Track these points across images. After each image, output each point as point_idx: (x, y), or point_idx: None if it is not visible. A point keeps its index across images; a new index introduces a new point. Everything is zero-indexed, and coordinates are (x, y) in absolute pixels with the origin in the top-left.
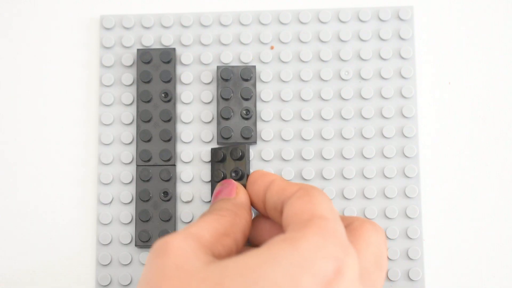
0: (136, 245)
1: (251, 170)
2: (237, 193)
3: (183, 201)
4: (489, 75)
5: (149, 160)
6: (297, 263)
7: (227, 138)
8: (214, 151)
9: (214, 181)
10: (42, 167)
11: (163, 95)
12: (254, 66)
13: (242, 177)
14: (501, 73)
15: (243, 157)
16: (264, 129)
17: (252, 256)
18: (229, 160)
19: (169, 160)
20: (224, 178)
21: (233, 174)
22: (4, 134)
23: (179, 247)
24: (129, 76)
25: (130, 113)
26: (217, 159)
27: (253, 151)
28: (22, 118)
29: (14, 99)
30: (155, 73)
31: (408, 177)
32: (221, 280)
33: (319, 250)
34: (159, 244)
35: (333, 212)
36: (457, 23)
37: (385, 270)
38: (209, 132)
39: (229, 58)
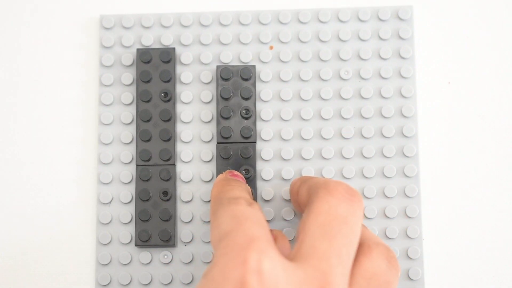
0: (136, 245)
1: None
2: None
3: (183, 201)
4: (488, 75)
5: (149, 160)
6: (215, 277)
7: (227, 138)
8: (223, 148)
9: None
10: (41, 167)
11: (162, 94)
12: (254, 66)
13: (251, 176)
14: (500, 73)
15: (252, 155)
16: (264, 129)
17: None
18: (237, 158)
19: (169, 159)
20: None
21: (243, 172)
22: (3, 134)
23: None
24: (129, 76)
25: (129, 113)
26: (226, 156)
27: (252, 150)
28: (22, 117)
29: (14, 99)
30: (154, 73)
31: (408, 176)
32: None
33: (225, 267)
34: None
35: (234, 219)
36: (457, 22)
37: (342, 236)
38: (209, 132)
39: (229, 57)
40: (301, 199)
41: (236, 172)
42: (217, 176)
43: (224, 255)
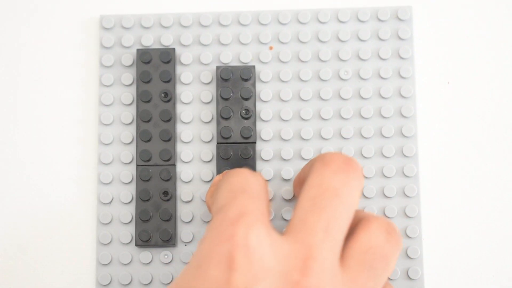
0: (136, 245)
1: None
2: None
3: (183, 201)
4: (488, 75)
5: (149, 160)
6: (200, 261)
7: (227, 138)
8: (223, 149)
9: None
10: (41, 167)
11: (162, 95)
12: (254, 66)
13: None
14: (500, 73)
15: (252, 156)
16: (264, 129)
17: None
18: (237, 159)
19: (169, 160)
20: None
21: None
22: (3, 134)
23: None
24: (129, 76)
25: (130, 113)
26: (226, 156)
27: (252, 150)
28: (22, 117)
29: (14, 98)
30: (154, 73)
31: (407, 176)
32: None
33: (212, 240)
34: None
35: (231, 192)
36: (456, 22)
37: (332, 209)
38: (209, 132)
39: (229, 58)
40: (304, 177)
41: None
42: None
43: (214, 228)
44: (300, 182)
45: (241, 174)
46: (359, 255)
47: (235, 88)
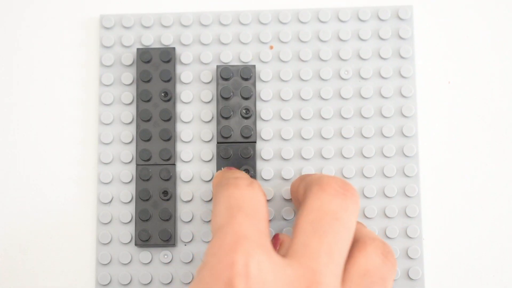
0: (136, 245)
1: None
2: (281, 246)
3: (183, 201)
4: (488, 74)
5: (149, 160)
6: (204, 279)
7: (227, 137)
8: (223, 148)
9: None
10: (41, 167)
11: (162, 94)
12: (254, 66)
13: (251, 175)
14: (500, 72)
15: (252, 156)
16: (264, 128)
17: None
18: (237, 158)
19: (169, 159)
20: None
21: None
22: (3, 134)
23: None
24: (129, 76)
25: (129, 113)
26: (226, 156)
27: (252, 150)
28: (22, 117)
29: (14, 98)
30: (154, 73)
31: (408, 176)
32: None
33: (213, 268)
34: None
35: (229, 210)
36: (457, 22)
37: (333, 233)
38: (209, 131)
39: (229, 57)
40: (299, 196)
41: (234, 169)
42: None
43: (213, 255)
44: (295, 197)
45: (239, 188)
46: (357, 278)
47: (235, 88)
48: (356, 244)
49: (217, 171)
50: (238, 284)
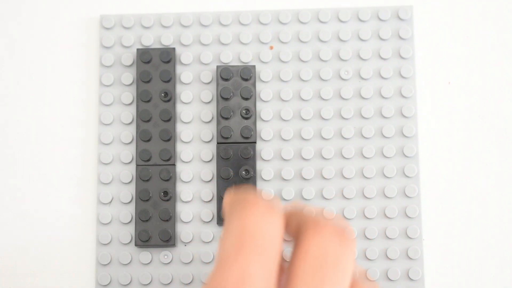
0: (136, 245)
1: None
2: None
3: (183, 201)
4: (488, 75)
5: (149, 160)
6: None
7: (227, 138)
8: (223, 148)
9: (221, 178)
10: (41, 167)
11: (162, 94)
12: (254, 66)
13: (251, 176)
14: (501, 73)
15: (252, 156)
16: (264, 129)
17: None
18: (237, 159)
19: (169, 159)
20: (231, 176)
21: (243, 172)
22: (3, 133)
23: None
24: (129, 76)
25: (129, 113)
26: (226, 156)
27: (252, 150)
28: (22, 117)
29: (14, 98)
30: (154, 73)
31: (408, 176)
32: None
33: None
34: None
35: (239, 241)
36: (457, 22)
37: (333, 277)
38: (209, 132)
39: (229, 57)
40: (290, 231)
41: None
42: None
43: None
44: (289, 227)
45: (255, 214)
46: None
47: (235, 88)
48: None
49: (217, 171)
50: None
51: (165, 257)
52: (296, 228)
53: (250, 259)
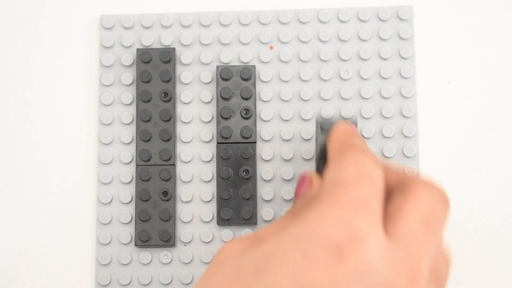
0: (135, 245)
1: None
2: (312, 186)
3: (183, 201)
4: (489, 75)
5: (148, 160)
6: (303, 234)
7: (227, 138)
8: (223, 149)
9: (221, 178)
10: (41, 167)
11: (162, 94)
12: (254, 66)
13: (251, 176)
14: (501, 73)
15: (252, 156)
16: (264, 129)
17: (269, 229)
18: (237, 159)
19: (169, 159)
20: (231, 176)
21: (243, 173)
22: (3, 134)
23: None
24: (129, 76)
25: (129, 113)
26: (226, 156)
27: (252, 150)
28: (22, 117)
29: (14, 99)
30: (154, 73)
31: None
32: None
33: (326, 219)
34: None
35: (360, 174)
36: (457, 22)
37: (437, 235)
38: (209, 132)
39: (229, 57)
40: (387, 183)
41: (357, 129)
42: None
43: (330, 206)
44: (387, 180)
45: (371, 160)
46: (430, 272)
47: (235, 88)
48: None
49: (217, 171)
50: (349, 247)
51: (165, 257)
52: (397, 179)
53: (370, 190)
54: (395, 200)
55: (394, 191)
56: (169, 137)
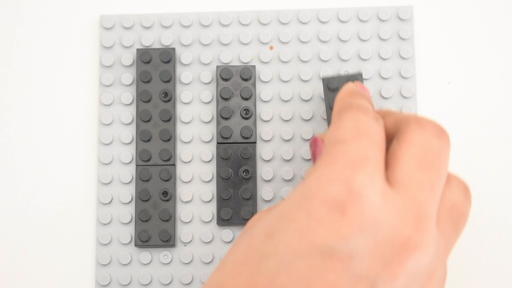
0: (135, 245)
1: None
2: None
3: (183, 201)
4: (489, 75)
5: (148, 160)
6: (305, 194)
7: (227, 138)
8: (223, 149)
9: (221, 178)
10: (41, 167)
11: (162, 95)
12: (254, 66)
13: (251, 176)
14: (501, 73)
15: (252, 156)
16: (264, 129)
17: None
18: (237, 159)
19: (169, 160)
20: (231, 176)
21: (243, 173)
22: (3, 134)
23: None
24: (129, 76)
25: (129, 113)
26: (226, 156)
27: (252, 150)
28: (22, 117)
29: (14, 98)
30: (154, 73)
31: None
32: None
33: (325, 177)
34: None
35: (357, 130)
36: (457, 22)
37: (439, 172)
38: (209, 132)
39: (229, 58)
40: (387, 128)
41: (365, 86)
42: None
43: (328, 164)
44: (387, 126)
45: (369, 117)
46: (446, 211)
47: (235, 88)
48: None
49: (217, 171)
50: (349, 200)
51: (165, 257)
52: (394, 126)
53: (367, 144)
54: (391, 147)
55: (393, 138)
56: (169, 137)
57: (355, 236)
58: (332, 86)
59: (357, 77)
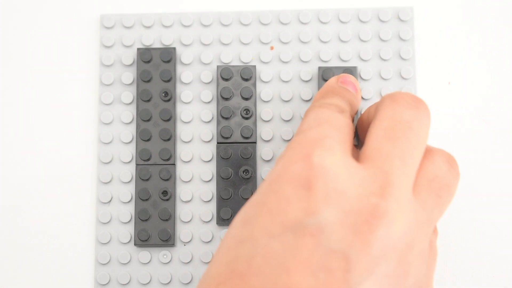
0: (135, 244)
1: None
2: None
3: (183, 201)
4: (489, 75)
5: (148, 159)
6: (273, 178)
7: (227, 138)
8: (223, 148)
9: (221, 178)
10: (41, 166)
11: (163, 94)
12: (254, 66)
13: (251, 176)
14: (501, 73)
15: (252, 156)
16: (264, 129)
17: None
18: (237, 159)
19: (169, 159)
20: (231, 176)
21: (243, 173)
22: (3, 133)
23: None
24: (129, 75)
25: (130, 112)
26: (226, 156)
27: (252, 150)
28: (22, 117)
29: (14, 98)
30: (155, 73)
31: None
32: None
33: (288, 159)
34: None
35: (317, 120)
36: (457, 23)
37: (411, 141)
38: (209, 132)
39: (229, 57)
40: (371, 116)
41: (349, 79)
42: (327, 81)
43: (291, 148)
44: (363, 124)
45: (331, 110)
46: (426, 183)
47: (235, 88)
48: (423, 153)
49: (217, 171)
50: (312, 175)
51: (165, 256)
52: (375, 109)
53: (326, 128)
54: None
55: None
56: (169, 137)
57: (323, 209)
58: (327, 77)
59: (351, 70)
